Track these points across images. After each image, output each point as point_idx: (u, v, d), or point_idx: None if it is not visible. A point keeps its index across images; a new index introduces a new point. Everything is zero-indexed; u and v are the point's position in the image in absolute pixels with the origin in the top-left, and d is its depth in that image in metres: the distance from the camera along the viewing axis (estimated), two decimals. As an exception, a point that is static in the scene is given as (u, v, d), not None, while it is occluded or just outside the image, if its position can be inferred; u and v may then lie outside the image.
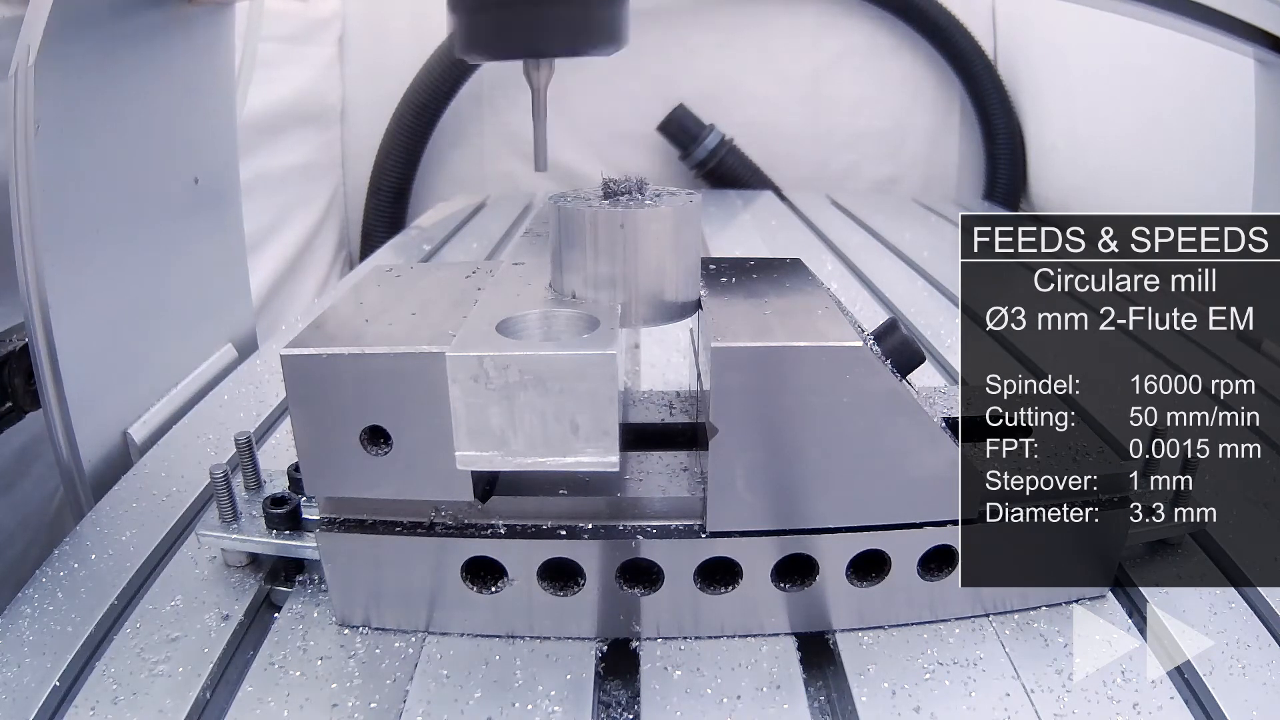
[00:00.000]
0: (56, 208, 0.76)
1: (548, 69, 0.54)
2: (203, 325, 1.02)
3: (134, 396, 0.87)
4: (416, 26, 2.02)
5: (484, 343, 0.49)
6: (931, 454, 0.53)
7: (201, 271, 1.01)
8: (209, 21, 0.98)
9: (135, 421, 0.86)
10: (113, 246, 0.84)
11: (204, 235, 1.01)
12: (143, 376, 0.89)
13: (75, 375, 0.77)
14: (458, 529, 0.55)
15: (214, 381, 0.97)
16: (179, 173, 0.96)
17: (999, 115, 2.06)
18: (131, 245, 0.87)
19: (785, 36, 2.09)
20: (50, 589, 0.60)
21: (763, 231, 1.67)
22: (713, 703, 0.51)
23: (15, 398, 0.82)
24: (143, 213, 0.89)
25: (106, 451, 0.82)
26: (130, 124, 0.86)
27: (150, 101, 0.89)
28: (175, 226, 0.95)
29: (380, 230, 2.05)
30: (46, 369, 0.76)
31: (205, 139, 1.01)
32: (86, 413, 0.79)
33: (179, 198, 0.96)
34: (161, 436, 0.84)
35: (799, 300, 0.58)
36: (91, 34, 0.79)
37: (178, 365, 0.96)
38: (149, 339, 0.90)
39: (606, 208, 0.54)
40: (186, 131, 0.97)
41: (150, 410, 0.88)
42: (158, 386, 0.91)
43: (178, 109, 0.94)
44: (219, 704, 0.52)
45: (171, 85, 0.93)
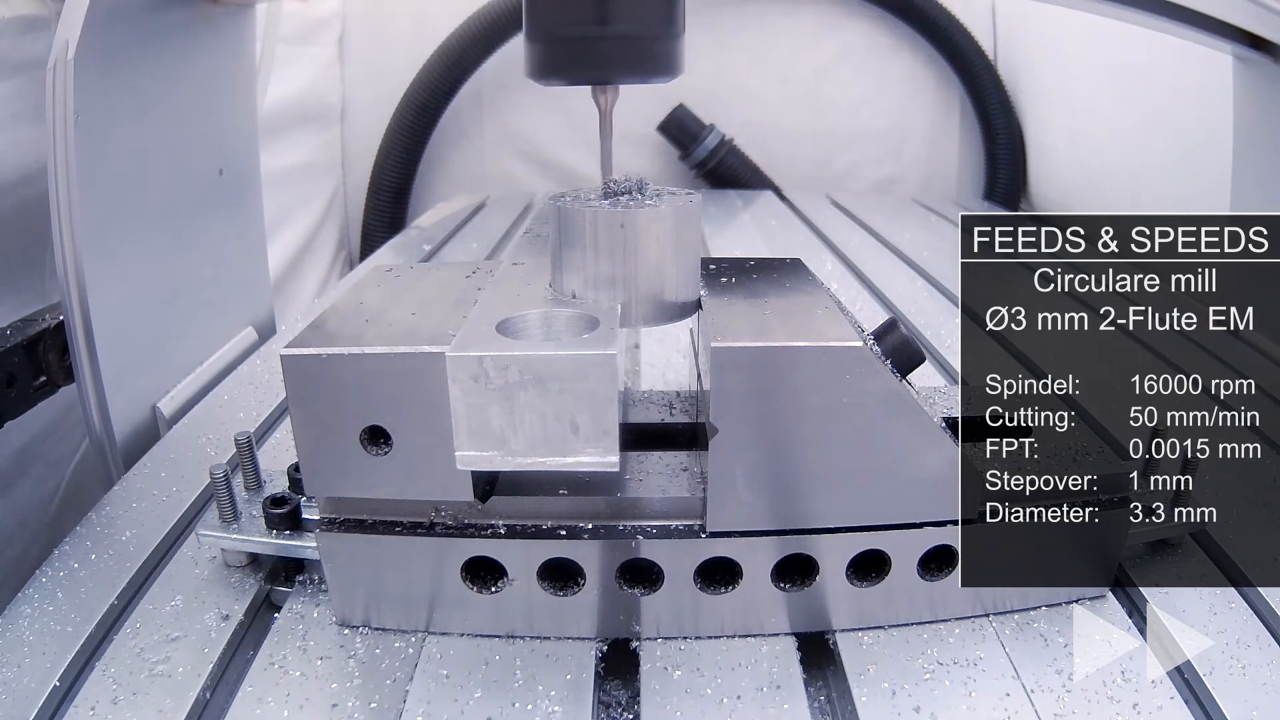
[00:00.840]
0: (93, 194, 0.80)
1: (613, 93, 0.61)
2: (226, 308, 1.07)
3: (163, 372, 0.92)
4: (416, 26, 2.02)
5: (484, 343, 0.49)
6: (931, 454, 0.53)
7: (225, 258, 1.06)
8: (232, 20, 1.02)
9: (164, 396, 0.90)
10: (144, 232, 0.89)
11: (227, 224, 1.06)
12: (171, 354, 0.94)
13: (109, 351, 0.82)
14: (458, 529, 0.55)
15: (237, 361, 1.02)
16: (205, 164, 1.01)
17: (999, 115, 2.06)
18: (161, 231, 0.92)
19: (785, 36, 2.09)
20: (50, 589, 0.60)
21: (763, 231, 1.67)
22: (713, 703, 0.51)
23: (49, 373, 0.87)
24: (172, 201, 0.93)
25: (136, 424, 0.86)
26: (160, 117, 0.91)
27: (179, 96, 0.94)
28: (201, 215, 0.99)
29: (380, 230, 2.05)
30: (82, 345, 0.81)
31: (229, 132, 1.05)
32: (119, 387, 0.83)
33: (205, 188, 1.00)
34: (188, 411, 0.89)
35: (799, 300, 0.58)
36: (125, 30, 0.83)
37: (203, 345, 1.01)
38: (177, 319, 0.95)
39: (606, 208, 0.54)
40: (212, 125, 1.01)
41: (178, 386, 0.93)
42: (185, 364, 0.96)
43: (204, 103, 0.99)
44: (219, 704, 0.52)
45: (198, 81, 0.97)
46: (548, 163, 2.13)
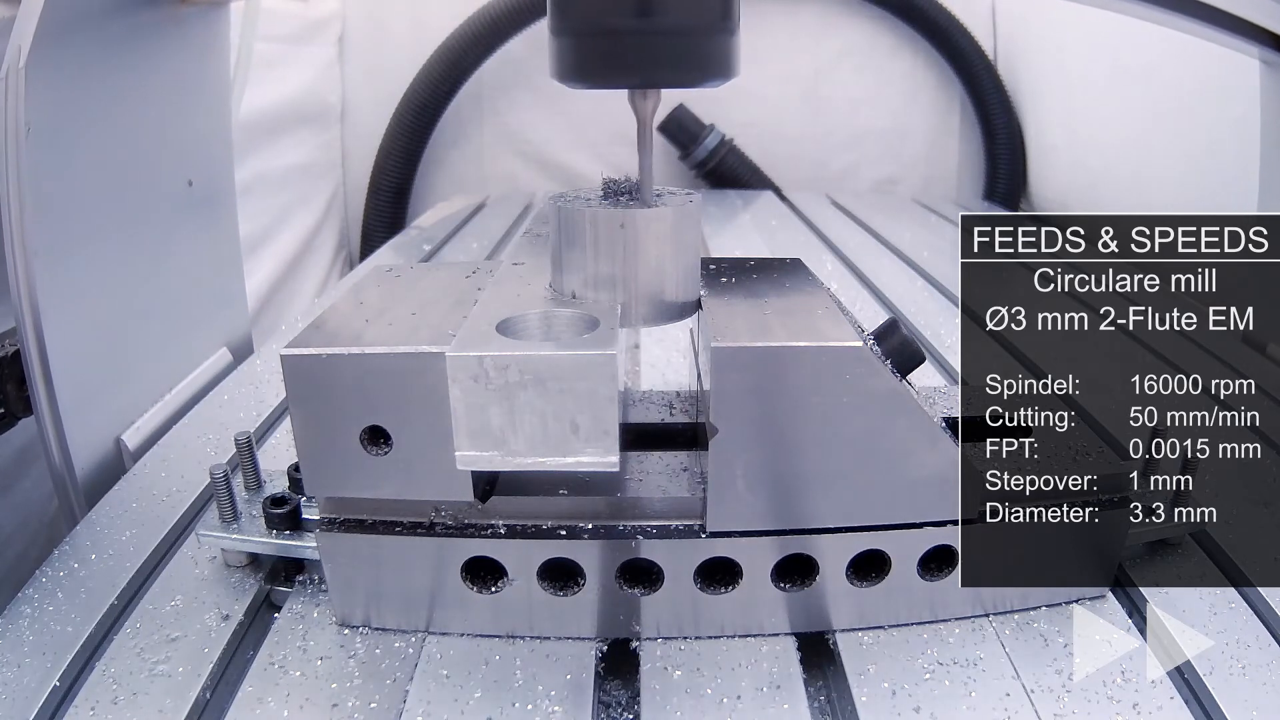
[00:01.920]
0: (48, 211, 0.75)
1: (655, 99, 0.52)
2: (197, 330, 1.01)
3: (127, 402, 0.86)
4: (416, 26, 2.02)
5: (484, 343, 0.49)
6: (931, 454, 0.53)
7: (196, 275, 1.00)
8: (203, 22, 0.97)
9: (128, 428, 0.85)
10: (105, 250, 0.83)
11: (198, 238, 1.00)
12: (136, 382, 0.88)
13: (67, 381, 0.76)
14: (458, 529, 0.55)
15: (208, 387, 0.96)
16: (173, 175, 0.95)
17: (999, 115, 2.06)
18: (124, 249, 0.86)
19: (785, 36, 2.09)
20: (50, 589, 0.60)
21: (763, 231, 1.67)
22: (713, 703, 0.51)
23: (8, 403, 0.80)
24: (136, 216, 0.88)
25: (99, 458, 0.81)
26: (123, 126, 0.85)
27: (143, 103, 0.88)
28: (169, 230, 0.94)
29: (380, 230, 2.05)
30: (38, 375, 0.75)
31: (199, 141, 1.00)
32: (79, 419, 0.78)
33: (173, 200, 0.95)
34: (155, 443, 0.83)
35: (799, 300, 0.58)
36: (83, 35, 0.78)
37: (171, 371, 0.94)
38: (142, 344, 0.89)
39: (606, 208, 0.54)
40: (180, 133, 0.96)
41: (144, 416, 0.87)
42: (151, 392, 0.90)
43: (171, 111, 0.93)
44: (219, 704, 0.52)
45: (165, 87, 0.92)
46: (548, 163, 2.13)
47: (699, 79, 0.50)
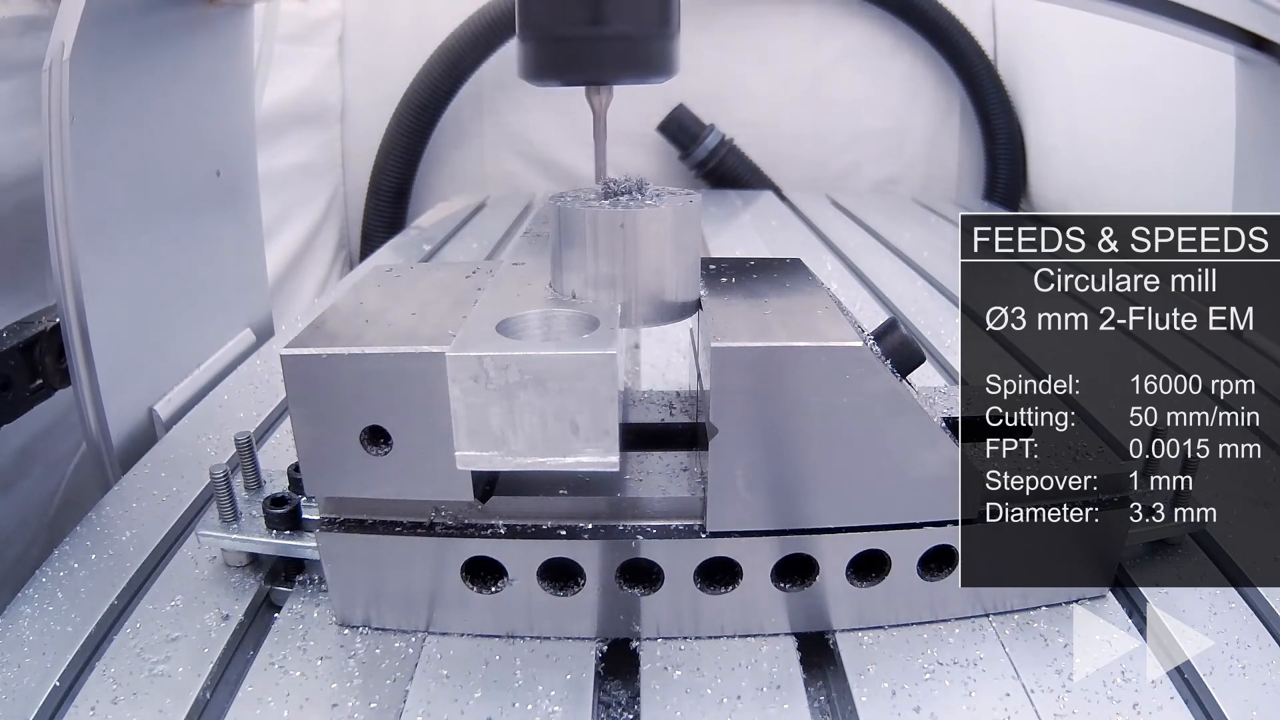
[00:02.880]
0: (89, 196, 0.80)
1: (607, 94, 0.61)
2: (223, 310, 1.07)
3: (160, 375, 0.92)
4: (416, 26, 2.02)
5: (484, 343, 0.49)
6: (931, 454, 0.53)
7: (222, 260, 1.06)
8: (229, 21, 1.02)
9: (161, 399, 0.90)
10: (140, 234, 0.88)
11: (224, 226, 1.06)
12: (168, 356, 0.94)
13: (105, 354, 0.82)
14: (458, 529, 0.55)
15: (234, 363, 1.01)
16: (202, 165, 1.00)
17: (999, 115, 2.06)
18: (157, 233, 0.91)
19: (785, 36, 2.09)
20: (50, 589, 0.60)
21: (763, 231, 1.67)
22: (713, 703, 0.51)
23: (46, 376, 0.87)
24: (168, 203, 0.93)
25: (133, 427, 0.86)
26: (157, 118, 0.91)
27: (175, 97, 0.93)
28: (198, 217, 0.99)
29: (380, 230, 2.05)
30: (78, 348, 0.81)
31: (226, 134, 1.05)
32: (115, 390, 0.83)
33: (202, 189, 1.00)
34: (185, 414, 0.88)
35: (799, 300, 0.58)
36: (121, 31, 0.83)
37: (200, 347, 1.00)
38: (174, 322, 0.95)
39: (606, 208, 0.54)
40: (209, 126, 1.01)
41: (175, 389, 0.92)
42: (182, 366, 0.96)
43: (201, 105, 0.99)
44: (219, 704, 0.52)
45: (195, 82, 0.97)
46: (548, 163, 2.13)
47: (644, 76, 0.59)
